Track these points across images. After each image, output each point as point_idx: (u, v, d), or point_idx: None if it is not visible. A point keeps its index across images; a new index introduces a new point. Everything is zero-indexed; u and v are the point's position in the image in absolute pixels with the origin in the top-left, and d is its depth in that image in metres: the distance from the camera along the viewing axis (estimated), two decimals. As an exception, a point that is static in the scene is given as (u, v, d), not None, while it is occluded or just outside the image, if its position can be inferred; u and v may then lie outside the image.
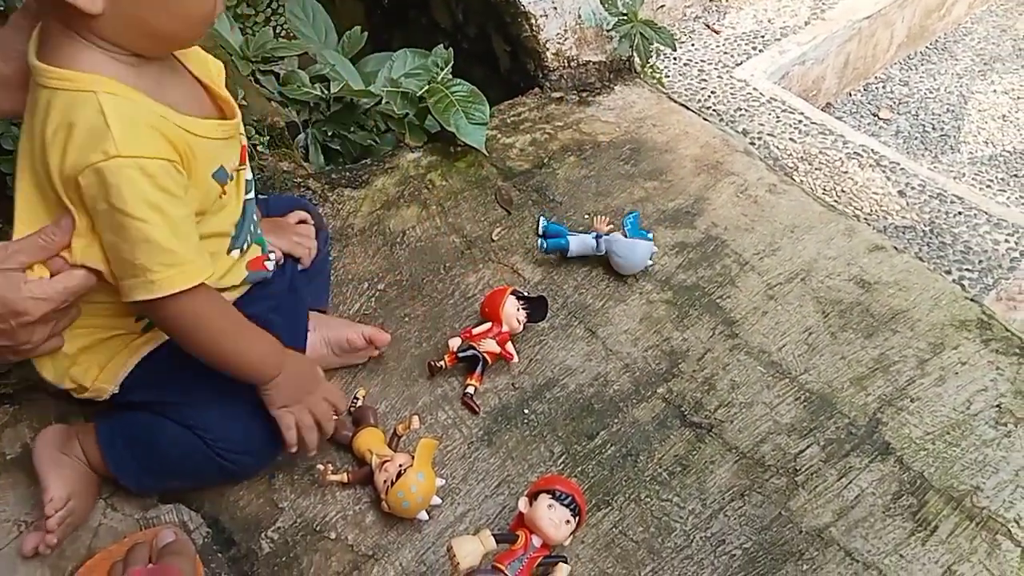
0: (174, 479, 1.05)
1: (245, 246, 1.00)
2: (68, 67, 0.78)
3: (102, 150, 0.76)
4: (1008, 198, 2.36)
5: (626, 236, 1.35)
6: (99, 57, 0.79)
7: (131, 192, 0.78)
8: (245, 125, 1.47)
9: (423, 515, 1.04)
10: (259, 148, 1.50)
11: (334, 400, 1.03)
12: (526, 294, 1.26)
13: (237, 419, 0.99)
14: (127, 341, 0.97)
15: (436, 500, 1.05)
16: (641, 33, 1.80)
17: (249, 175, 1.00)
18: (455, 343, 1.21)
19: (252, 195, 1.01)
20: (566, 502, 0.97)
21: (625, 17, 1.81)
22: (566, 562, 0.98)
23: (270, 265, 1.05)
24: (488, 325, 1.22)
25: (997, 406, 1.21)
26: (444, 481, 1.08)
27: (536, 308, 1.26)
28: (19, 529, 1.01)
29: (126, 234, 0.80)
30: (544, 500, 0.97)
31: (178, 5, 0.79)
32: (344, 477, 1.06)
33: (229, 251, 0.97)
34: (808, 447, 1.15)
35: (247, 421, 1.00)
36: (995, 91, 2.80)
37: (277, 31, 1.86)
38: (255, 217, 1.04)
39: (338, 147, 1.70)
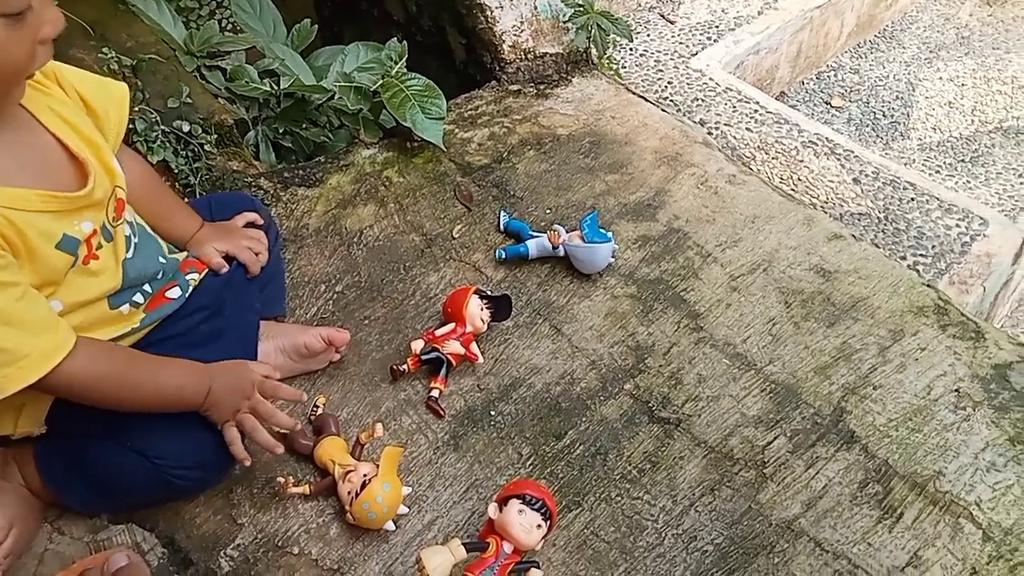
0: (122, 500, 1.00)
1: (140, 297, 0.95)
2: None
3: None
4: (956, 183, 2.41)
5: (584, 240, 1.33)
6: None
7: None
8: (191, 123, 1.43)
9: (390, 525, 1.01)
10: (206, 147, 1.44)
11: (276, 394, 0.98)
12: (490, 293, 1.24)
13: (179, 433, 0.94)
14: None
15: (403, 509, 1.02)
16: (598, 24, 1.79)
17: (128, 230, 0.94)
18: (418, 345, 1.18)
19: (132, 251, 0.95)
20: (537, 506, 0.95)
21: (581, 8, 1.79)
22: (538, 567, 0.96)
23: (174, 294, 1.00)
24: (451, 326, 1.20)
25: (956, 391, 1.23)
26: (411, 489, 1.05)
27: (500, 307, 1.23)
28: (-43, 559, 0.95)
29: None
30: (514, 505, 0.94)
31: None
32: (306, 489, 1.02)
33: (114, 308, 0.92)
34: (775, 439, 1.15)
35: (190, 434, 0.95)
36: (941, 78, 2.86)
37: (223, 25, 1.79)
38: (157, 257, 0.99)
39: (290, 144, 1.64)
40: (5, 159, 0.80)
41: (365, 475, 0.99)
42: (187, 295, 1.01)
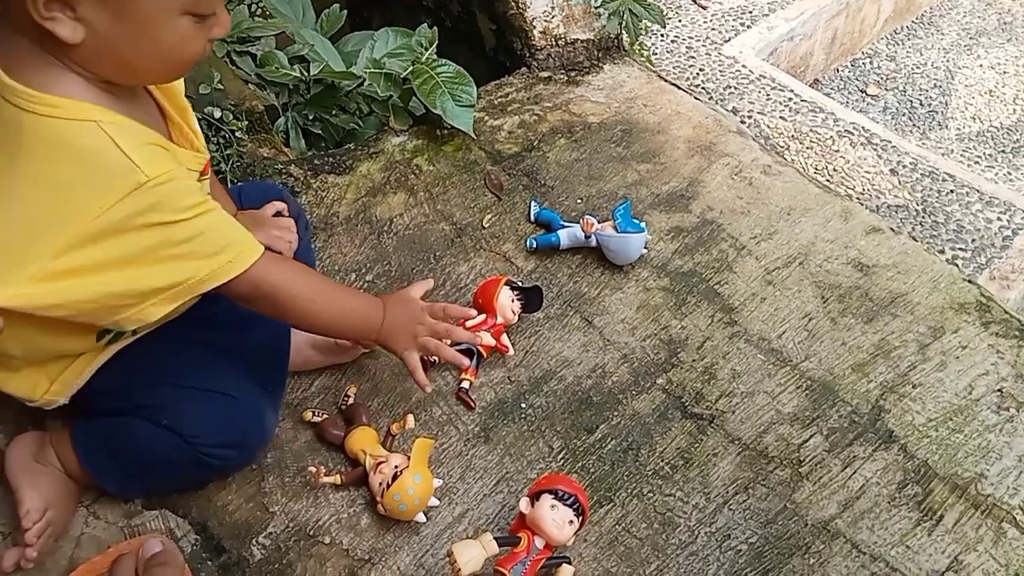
0: (157, 480, 1.00)
1: None
2: (50, 92, 0.74)
3: (133, 180, 0.75)
4: (996, 174, 2.35)
5: (617, 230, 1.31)
6: (79, 82, 0.76)
7: (172, 205, 0.78)
8: (223, 110, 1.43)
9: (421, 517, 1.00)
10: (237, 134, 1.43)
11: (450, 313, 1.05)
12: (520, 284, 1.22)
13: (213, 412, 0.95)
14: (80, 355, 0.93)
15: (434, 501, 1.01)
16: (630, 10, 1.75)
17: (208, 187, 0.96)
18: (448, 337, 1.17)
19: None
20: (569, 502, 0.94)
21: (614, -7, 1.76)
22: (570, 563, 0.95)
23: None
24: (482, 317, 1.19)
25: (999, 391, 1.20)
26: (441, 481, 1.04)
27: (531, 298, 1.22)
28: (-5, 542, 0.97)
29: (180, 237, 0.80)
30: (547, 500, 0.93)
31: (154, 47, 0.76)
32: (337, 479, 1.02)
33: None
34: (811, 437, 1.13)
35: (224, 412, 0.96)
36: (981, 66, 2.78)
37: (252, 10, 1.78)
38: None
39: (319, 131, 1.63)
40: (149, 117, 0.84)
41: (396, 467, 0.99)
42: None
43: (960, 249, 1.77)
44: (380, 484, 0.98)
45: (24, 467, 0.95)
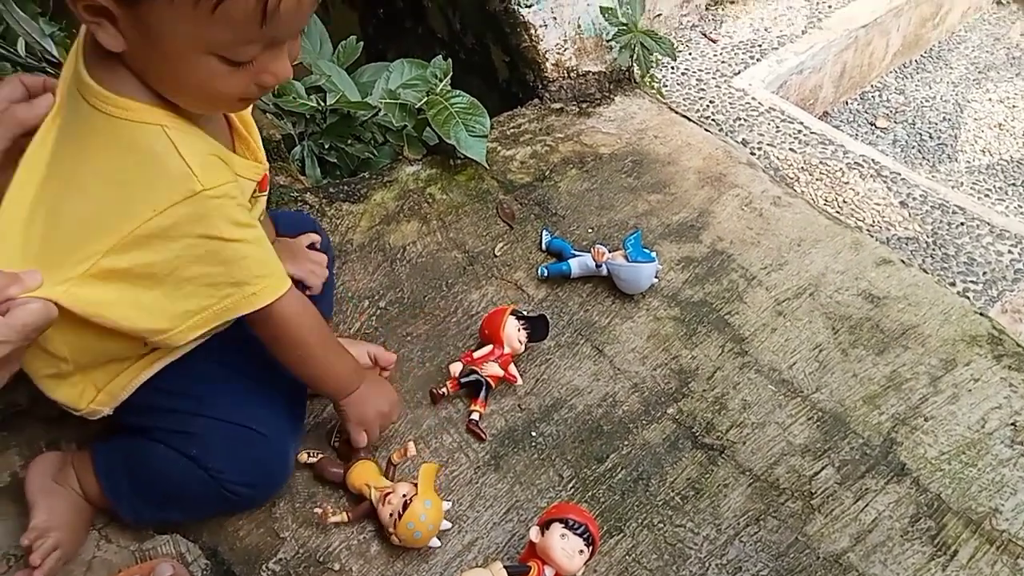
0: (174, 510, 1.01)
1: None
2: (123, 94, 0.75)
3: (187, 188, 0.76)
4: (1007, 207, 2.35)
5: (628, 259, 1.32)
6: (146, 88, 0.77)
7: (222, 218, 0.79)
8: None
9: (435, 542, 1.00)
10: (255, 162, 1.46)
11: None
12: (526, 313, 1.23)
13: (240, 449, 0.95)
14: (128, 364, 0.94)
15: (446, 524, 1.01)
16: (642, 43, 1.78)
17: (264, 203, 0.98)
18: (456, 368, 1.17)
19: (264, 221, 1.00)
20: (579, 531, 0.93)
21: (625, 27, 1.79)
22: (580, 593, 0.95)
23: None
24: (489, 347, 1.19)
25: (1012, 424, 1.19)
26: (451, 503, 1.04)
27: (537, 327, 1.22)
28: (8, 564, 0.97)
29: (221, 257, 0.81)
30: (557, 529, 0.93)
31: (182, 78, 0.75)
32: (344, 516, 1.01)
33: None
34: (823, 469, 1.13)
35: (253, 450, 0.96)
36: (990, 99, 2.80)
37: (271, 41, 1.83)
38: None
39: (335, 160, 1.66)
40: (216, 128, 0.85)
41: (404, 495, 0.99)
42: None
43: (971, 282, 1.76)
44: (391, 515, 0.98)
45: (42, 487, 0.96)
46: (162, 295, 0.81)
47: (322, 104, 1.60)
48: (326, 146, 1.64)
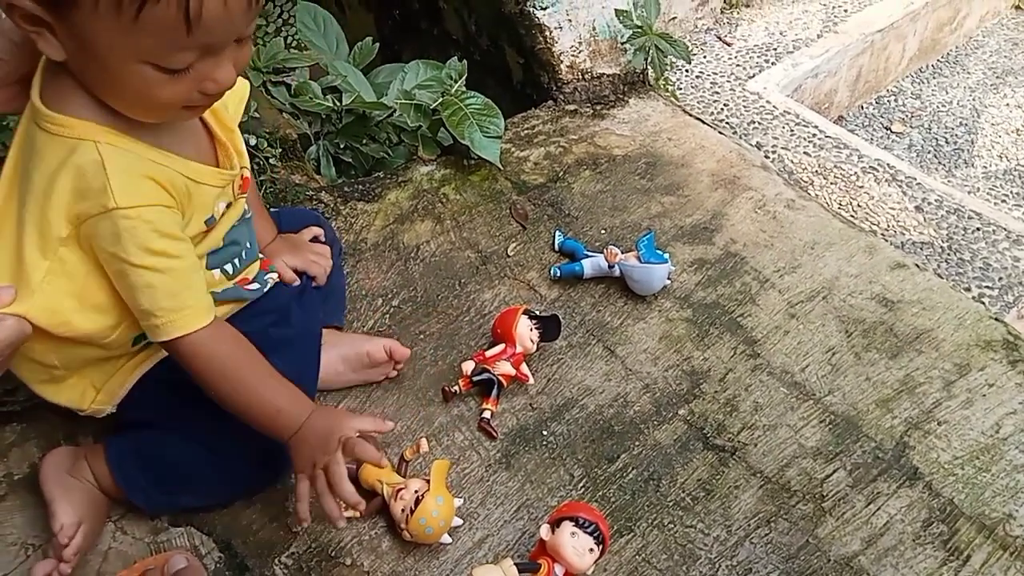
0: (186, 495, 1.02)
1: (231, 268, 0.98)
2: (67, 112, 0.77)
3: (101, 203, 0.77)
4: (1024, 213, 2.33)
5: (641, 260, 1.32)
6: (95, 103, 0.78)
7: (132, 241, 0.79)
8: (258, 137, 1.47)
9: (446, 538, 1.01)
10: (271, 161, 1.48)
11: (355, 454, 0.92)
12: (538, 313, 1.24)
13: (248, 432, 0.96)
14: (122, 362, 0.95)
15: (457, 521, 1.02)
16: (656, 46, 1.79)
17: (246, 204, 0.98)
18: (468, 367, 1.18)
19: (242, 223, 0.98)
20: (590, 530, 0.94)
21: (640, 29, 1.79)
22: (589, 592, 0.95)
23: (254, 287, 1.03)
24: (501, 347, 1.20)
25: (1027, 430, 1.18)
26: (462, 500, 1.05)
27: (549, 327, 1.23)
28: (26, 553, 0.99)
29: (129, 281, 0.81)
30: (567, 528, 0.94)
31: (119, 87, 0.75)
32: (356, 513, 1.02)
33: (209, 269, 0.95)
34: (834, 472, 1.12)
35: (258, 433, 0.97)
36: (1008, 104, 2.77)
37: (288, 42, 1.85)
38: (253, 239, 1.02)
39: (350, 159, 1.68)
40: (178, 135, 0.85)
41: (416, 491, 0.99)
42: (264, 290, 1.04)
43: (987, 287, 1.75)
44: (403, 511, 0.99)
45: (59, 481, 0.98)
46: (107, 297, 0.83)
47: (338, 104, 1.62)
48: (341, 146, 1.66)
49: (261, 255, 1.07)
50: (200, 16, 0.68)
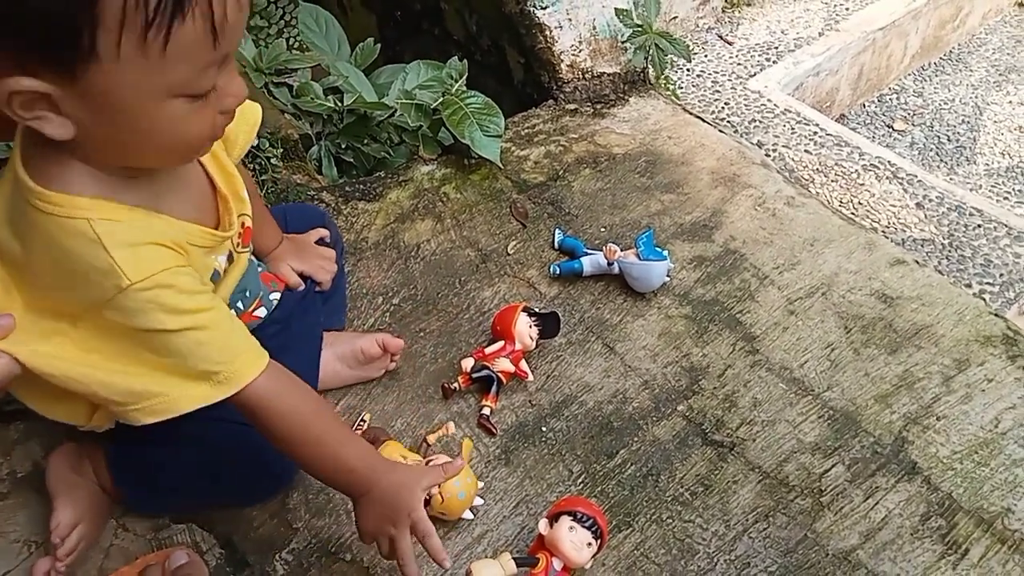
0: (182, 503, 1.03)
1: (241, 306, 0.98)
2: (56, 188, 0.71)
3: (114, 284, 0.72)
4: (1026, 210, 2.33)
5: (640, 257, 1.33)
6: (86, 173, 0.72)
7: (160, 310, 0.74)
8: (259, 138, 1.48)
9: (468, 514, 1.03)
10: (273, 161, 1.49)
11: (423, 535, 0.87)
12: (538, 310, 1.24)
13: (247, 445, 0.96)
14: None
15: (479, 501, 1.04)
16: (656, 44, 1.79)
17: (249, 254, 0.96)
18: (468, 363, 1.19)
19: (246, 272, 0.97)
20: (588, 524, 0.94)
21: (640, 28, 1.80)
22: (587, 586, 0.96)
23: (261, 313, 1.03)
24: (501, 344, 1.21)
25: (1026, 425, 1.18)
26: (483, 484, 1.07)
27: (548, 324, 1.24)
28: (29, 550, 1.00)
29: (175, 347, 0.76)
30: (565, 522, 0.94)
31: (149, 136, 0.70)
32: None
33: None
34: (833, 467, 1.13)
35: (255, 448, 0.97)
36: (1011, 102, 2.77)
37: (290, 43, 1.86)
38: (257, 277, 1.02)
39: (351, 159, 1.69)
40: (176, 194, 0.80)
41: (443, 465, 0.99)
42: (270, 312, 1.04)
43: (988, 284, 1.75)
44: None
45: (62, 480, 0.98)
46: (122, 372, 0.77)
47: (339, 104, 1.63)
48: (343, 146, 1.67)
49: (262, 266, 1.08)
50: (225, 23, 0.65)
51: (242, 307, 0.99)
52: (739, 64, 2.44)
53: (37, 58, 0.62)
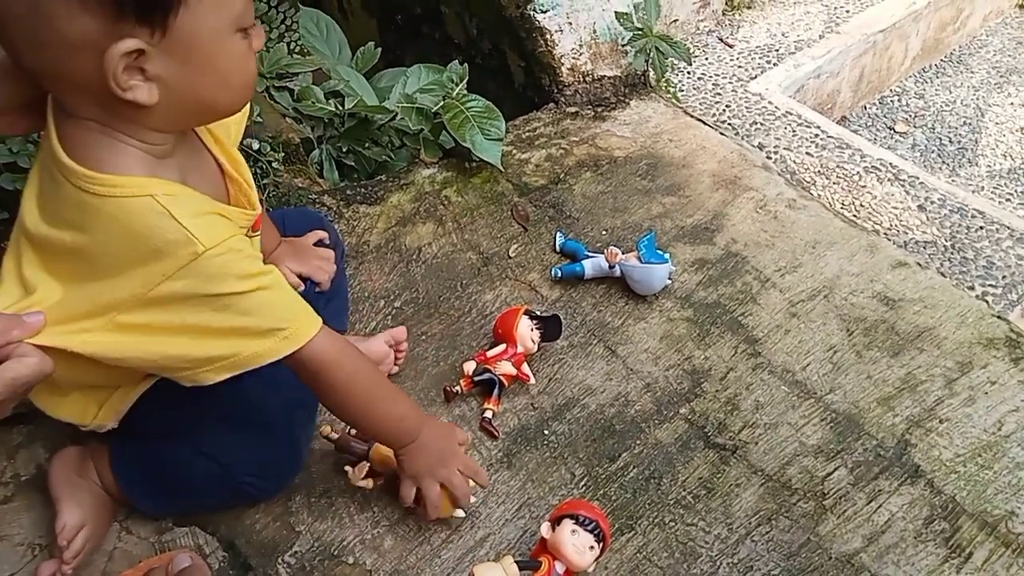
0: (187, 503, 1.03)
1: None
2: (110, 171, 0.74)
3: (190, 252, 0.74)
4: (1028, 212, 2.32)
5: (641, 260, 1.33)
6: (134, 155, 0.76)
7: (232, 274, 0.77)
8: (261, 141, 1.48)
9: (460, 512, 1.02)
10: (274, 165, 1.49)
11: (472, 472, 1.01)
12: (539, 313, 1.24)
13: (252, 442, 0.97)
14: (124, 383, 0.95)
15: (473, 499, 1.03)
16: (657, 47, 1.79)
17: (260, 242, 0.98)
18: (470, 367, 1.19)
19: None
20: (590, 527, 0.94)
21: (640, 32, 1.80)
22: (590, 589, 0.96)
23: None
24: (502, 347, 1.21)
25: (1029, 427, 1.18)
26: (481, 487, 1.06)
27: (550, 327, 1.24)
28: (33, 553, 1.00)
29: (241, 309, 0.79)
30: (567, 525, 0.94)
31: (221, 75, 0.75)
32: (370, 483, 1.03)
33: None
34: (836, 470, 1.13)
35: (262, 444, 0.98)
36: (1012, 103, 2.77)
37: (291, 47, 1.86)
38: None
39: (352, 163, 1.69)
40: (198, 175, 0.83)
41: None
42: None
43: (990, 286, 1.75)
44: None
45: (66, 482, 0.98)
46: (184, 344, 0.80)
47: (340, 108, 1.63)
48: (344, 149, 1.67)
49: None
50: None
51: None
52: (740, 67, 2.44)
53: (133, 15, 0.66)
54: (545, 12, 1.76)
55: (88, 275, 0.78)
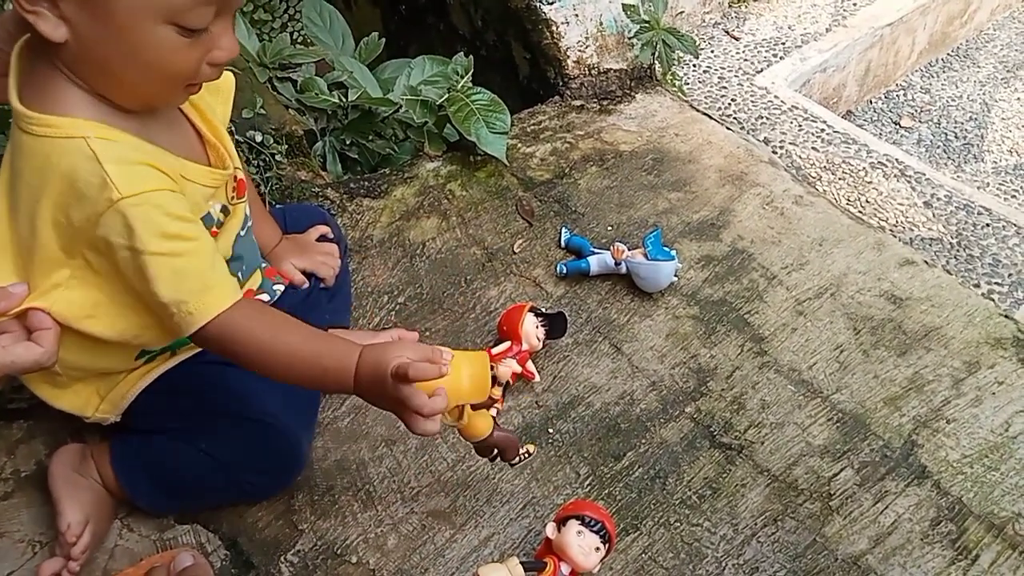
0: (189, 500, 1.03)
1: (240, 276, 0.96)
2: (52, 112, 0.73)
3: (105, 197, 0.73)
4: (1034, 209, 2.31)
5: (648, 257, 1.31)
6: (84, 99, 0.74)
7: (145, 229, 0.74)
8: (263, 133, 1.47)
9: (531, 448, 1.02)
10: (277, 157, 1.47)
11: (415, 375, 0.79)
12: (544, 310, 1.23)
13: (251, 439, 0.96)
14: (124, 375, 0.95)
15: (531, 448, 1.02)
16: (664, 40, 1.77)
17: (247, 209, 0.96)
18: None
19: (247, 234, 0.97)
20: (596, 528, 0.93)
21: (647, 24, 1.78)
22: (595, 590, 0.95)
23: (263, 298, 1.02)
24: (507, 344, 1.19)
25: (1037, 429, 1.17)
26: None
27: (555, 324, 1.23)
28: (33, 550, 0.99)
29: (151, 272, 0.76)
30: (573, 526, 0.93)
31: (134, 55, 0.72)
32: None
33: None
34: (842, 470, 1.12)
35: (262, 440, 0.97)
36: (1019, 99, 2.75)
37: (294, 37, 1.84)
38: (257, 252, 1.01)
39: (356, 156, 1.67)
40: (165, 135, 0.81)
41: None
42: (273, 300, 1.03)
43: (996, 283, 1.74)
44: None
45: (66, 480, 0.98)
46: (132, 304, 0.80)
47: (344, 100, 1.61)
48: (347, 142, 1.65)
49: (265, 263, 1.07)
50: None
51: (241, 277, 0.97)
52: (746, 60, 2.42)
53: None
54: (551, 3, 1.74)
55: (27, 231, 0.77)
